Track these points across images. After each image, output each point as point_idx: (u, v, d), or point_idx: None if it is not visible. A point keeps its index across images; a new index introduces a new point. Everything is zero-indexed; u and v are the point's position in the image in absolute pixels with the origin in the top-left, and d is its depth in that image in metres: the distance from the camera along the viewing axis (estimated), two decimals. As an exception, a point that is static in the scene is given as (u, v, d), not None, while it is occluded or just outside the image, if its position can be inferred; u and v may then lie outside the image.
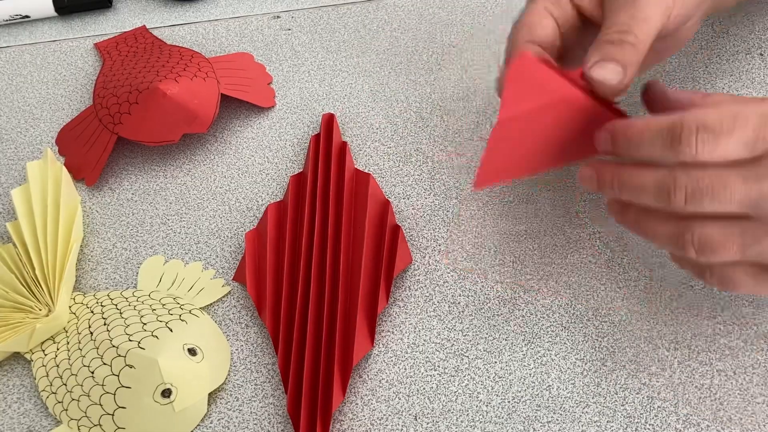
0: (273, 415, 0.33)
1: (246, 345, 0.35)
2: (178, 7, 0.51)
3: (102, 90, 0.43)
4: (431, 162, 0.41)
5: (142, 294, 0.36)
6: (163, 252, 0.39)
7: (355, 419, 0.32)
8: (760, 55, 0.44)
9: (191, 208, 0.40)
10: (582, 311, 0.35)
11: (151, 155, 0.43)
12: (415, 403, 0.33)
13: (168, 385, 0.31)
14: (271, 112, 0.44)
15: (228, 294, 0.37)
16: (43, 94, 0.47)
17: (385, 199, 0.38)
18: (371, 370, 0.34)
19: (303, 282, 0.35)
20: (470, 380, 0.33)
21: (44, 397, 0.34)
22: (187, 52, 0.45)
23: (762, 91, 0.42)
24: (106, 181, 0.42)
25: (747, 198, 0.26)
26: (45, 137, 0.44)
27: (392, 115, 0.43)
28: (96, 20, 0.51)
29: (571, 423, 0.31)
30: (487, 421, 0.32)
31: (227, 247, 0.38)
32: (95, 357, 0.33)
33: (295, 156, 0.42)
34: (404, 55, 0.46)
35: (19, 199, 0.38)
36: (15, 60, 0.49)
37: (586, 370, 0.33)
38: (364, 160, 0.41)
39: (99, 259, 0.39)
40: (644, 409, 0.31)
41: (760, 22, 0.45)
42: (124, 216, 0.40)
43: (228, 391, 0.34)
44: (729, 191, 0.26)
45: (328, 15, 0.49)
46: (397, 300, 0.36)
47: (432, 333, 0.34)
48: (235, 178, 0.41)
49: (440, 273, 0.36)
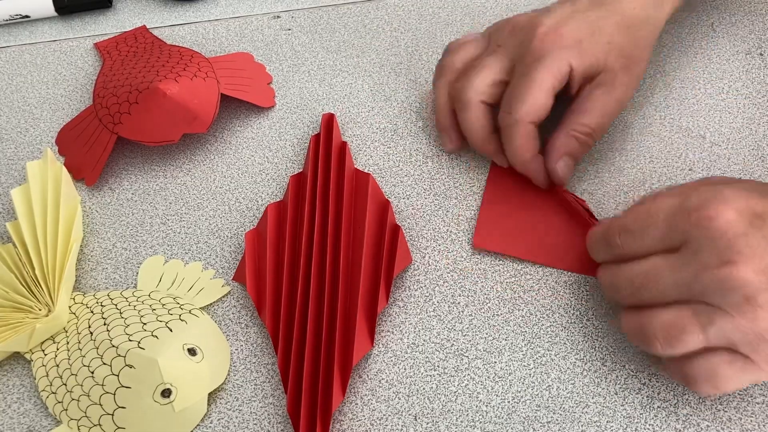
0: (273, 415, 0.33)
1: (246, 345, 0.35)
2: (178, 7, 0.51)
3: (102, 90, 0.43)
4: (431, 162, 0.41)
5: (142, 294, 0.36)
6: (163, 252, 0.39)
7: (355, 419, 0.32)
8: (760, 55, 0.44)
9: (191, 208, 0.40)
10: (582, 311, 0.35)
11: (151, 155, 0.43)
12: (415, 403, 0.33)
13: (168, 385, 0.31)
14: (271, 112, 0.44)
15: (228, 294, 0.37)
16: (43, 94, 0.47)
17: (385, 199, 0.38)
18: (371, 370, 0.34)
19: (303, 282, 0.35)
20: (470, 380, 0.33)
21: (44, 397, 0.34)
22: (187, 52, 0.45)
23: (762, 91, 0.42)
24: (106, 181, 0.42)
25: (679, 285, 0.27)
26: (45, 137, 0.44)
27: (392, 115, 0.43)
28: (96, 20, 0.51)
29: (571, 423, 0.31)
30: (487, 421, 0.32)
31: (227, 247, 0.38)
32: (95, 357, 0.33)
33: (295, 156, 0.42)
34: (404, 55, 0.46)
35: (19, 199, 0.38)
36: (15, 60, 0.49)
37: (586, 370, 0.33)
38: (364, 160, 0.41)
39: (99, 259, 0.39)
40: (644, 409, 0.31)
41: (760, 22, 0.45)
42: (124, 216, 0.40)
43: (228, 391, 0.34)
44: (662, 282, 0.28)
45: (328, 15, 0.49)
46: (397, 300, 0.36)
47: (432, 333, 0.34)
48: (235, 178, 0.41)
49: (440, 273, 0.36)
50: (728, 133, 0.40)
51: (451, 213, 0.39)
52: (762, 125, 0.40)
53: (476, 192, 0.39)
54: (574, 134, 0.36)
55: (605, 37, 0.36)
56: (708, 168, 0.39)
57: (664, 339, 0.28)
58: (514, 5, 0.49)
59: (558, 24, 0.36)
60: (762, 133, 0.40)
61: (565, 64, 0.35)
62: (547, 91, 0.35)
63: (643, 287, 0.28)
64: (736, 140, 0.40)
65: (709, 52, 0.44)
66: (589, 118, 0.36)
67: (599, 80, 0.36)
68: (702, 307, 0.27)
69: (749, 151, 0.39)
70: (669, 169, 0.39)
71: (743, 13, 0.46)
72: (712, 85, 0.43)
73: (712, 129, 0.40)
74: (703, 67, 0.43)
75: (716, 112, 0.41)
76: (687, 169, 0.39)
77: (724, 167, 0.39)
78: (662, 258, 0.28)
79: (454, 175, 0.40)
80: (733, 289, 0.26)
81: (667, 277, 0.27)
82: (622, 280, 0.30)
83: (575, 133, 0.36)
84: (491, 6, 0.49)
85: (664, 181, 0.38)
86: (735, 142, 0.40)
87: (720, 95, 0.42)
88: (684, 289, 0.27)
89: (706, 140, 0.40)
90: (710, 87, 0.42)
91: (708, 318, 0.26)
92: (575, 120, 0.36)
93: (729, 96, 0.42)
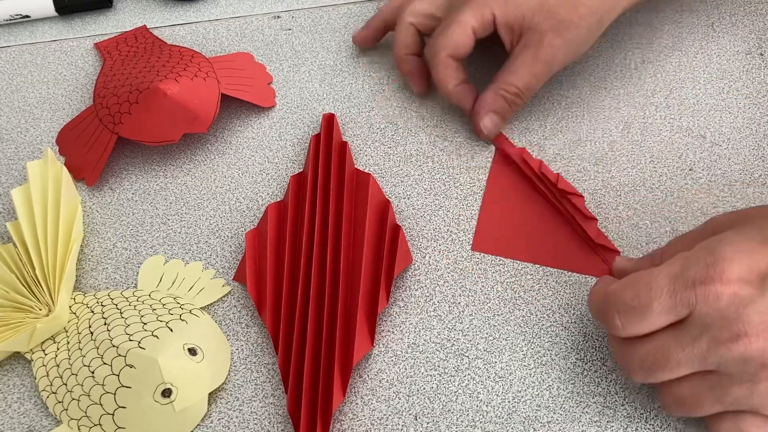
0: (273, 415, 0.33)
1: (246, 345, 0.35)
2: (178, 7, 0.51)
3: (102, 90, 0.43)
4: (431, 162, 0.41)
5: (142, 294, 0.36)
6: (163, 252, 0.39)
7: (355, 419, 0.32)
8: (760, 55, 0.44)
9: (191, 208, 0.40)
10: (582, 311, 0.35)
11: (151, 155, 0.43)
12: (415, 403, 0.33)
13: (168, 385, 0.31)
14: (271, 112, 0.44)
15: (228, 294, 0.37)
16: (43, 94, 0.47)
17: (385, 199, 0.38)
18: (371, 370, 0.34)
19: (303, 282, 0.35)
20: (470, 380, 0.33)
21: (44, 396, 0.34)
22: (188, 51, 0.45)
23: (762, 90, 0.42)
24: (106, 181, 0.42)
25: (691, 360, 0.26)
26: (45, 137, 0.44)
27: (392, 115, 0.43)
28: (96, 20, 0.51)
29: (571, 423, 0.31)
30: (487, 421, 0.32)
31: (227, 247, 0.38)
32: (95, 357, 0.33)
33: (295, 156, 0.42)
34: (404, 55, 0.46)
35: (19, 199, 0.38)
36: (15, 60, 0.49)
37: (586, 370, 0.33)
38: (364, 160, 0.41)
39: (99, 258, 0.39)
40: (644, 409, 0.31)
41: (760, 22, 0.45)
42: (124, 216, 0.40)
43: (228, 391, 0.34)
44: (673, 360, 0.27)
45: (328, 15, 0.49)
46: (397, 300, 0.36)
47: (432, 333, 0.34)
48: (235, 178, 0.41)
49: (440, 273, 0.36)
50: (728, 133, 0.40)
51: (451, 213, 0.39)
52: (762, 125, 0.40)
53: (476, 192, 0.39)
54: (501, 93, 0.39)
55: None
56: (708, 168, 0.39)
57: (680, 410, 0.28)
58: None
59: None
60: (762, 133, 0.40)
61: (488, 11, 0.38)
62: (465, 28, 0.38)
63: (656, 367, 0.27)
64: (736, 140, 0.40)
65: (709, 52, 0.44)
66: (516, 77, 0.38)
67: (525, 40, 0.37)
68: (716, 379, 0.26)
69: (749, 151, 0.39)
70: (669, 169, 0.39)
71: (743, 13, 0.46)
72: (712, 85, 0.43)
73: (712, 129, 0.40)
74: (703, 67, 0.43)
75: (716, 112, 0.41)
76: (687, 169, 0.39)
77: (724, 167, 0.39)
78: (670, 334, 0.27)
79: (454, 175, 0.40)
80: (747, 361, 0.25)
81: (679, 354, 0.27)
82: (634, 363, 0.28)
83: (502, 92, 0.39)
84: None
85: (664, 181, 0.39)
86: (735, 142, 0.40)
87: (720, 95, 0.42)
88: (698, 363, 0.26)
89: (706, 140, 0.40)
90: (710, 87, 0.42)
91: (723, 390, 0.26)
92: (503, 79, 0.38)
93: (729, 96, 0.42)
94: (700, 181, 0.38)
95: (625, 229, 0.37)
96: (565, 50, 0.37)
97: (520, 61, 0.38)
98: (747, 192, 0.38)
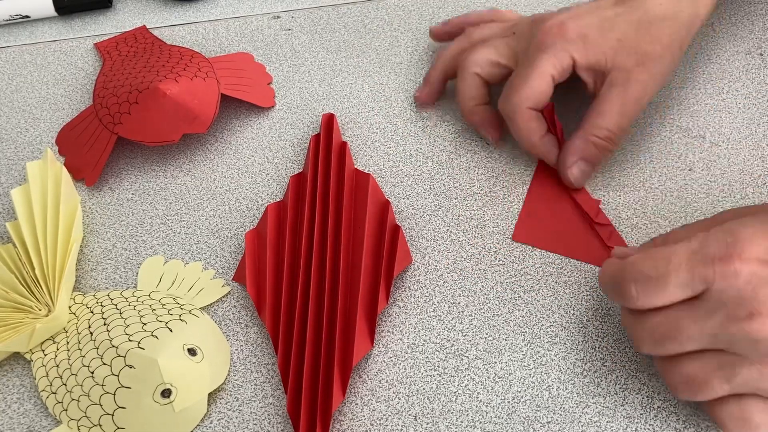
0: (273, 415, 0.33)
1: (246, 345, 0.35)
2: (178, 7, 0.51)
3: (102, 90, 0.43)
4: (431, 162, 0.41)
5: (142, 294, 0.36)
6: (163, 252, 0.39)
7: (355, 419, 0.32)
8: (760, 55, 0.44)
9: (191, 208, 0.40)
10: (582, 311, 0.35)
11: (151, 155, 0.43)
12: (415, 404, 0.33)
13: (168, 385, 0.31)
14: (271, 112, 0.44)
15: (228, 294, 0.37)
16: (43, 94, 0.47)
17: (385, 199, 0.38)
18: (371, 370, 0.34)
19: (303, 282, 0.35)
20: (470, 380, 0.33)
21: (44, 397, 0.34)
22: (187, 52, 0.45)
23: (762, 90, 0.42)
24: (106, 181, 0.42)
25: (702, 336, 0.26)
26: (45, 137, 0.44)
27: (392, 115, 0.43)
28: (96, 20, 0.51)
29: (571, 423, 0.31)
30: (487, 421, 0.32)
31: (227, 247, 0.38)
32: (95, 357, 0.33)
33: (295, 156, 0.42)
34: (404, 55, 0.46)
35: (19, 199, 0.38)
36: (15, 60, 0.49)
37: (586, 370, 0.33)
38: (364, 160, 0.41)
39: (99, 259, 0.39)
40: (644, 409, 0.31)
41: (760, 22, 0.45)
42: (124, 216, 0.40)
43: (228, 391, 0.34)
44: (685, 333, 0.27)
45: (328, 15, 0.49)
46: (397, 300, 0.36)
47: (432, 333, 0.34)
48: (235, 178, 0.41)
49: (440, 273, 0.36)
50: (728, 133, 0.40)
51: (451, 213, 0.39)
52: (762, 125, 0.40)
53: (476, 192, 0.39)
54: (591, 138, 0.36)
55: (615, 34, 0.35)
56: (708, 168, 0.39)
57: (687, 389, 0.28)
58: (514, 5, 0.49)
59: (567, 19, 0.36)
60: (762, 133, 0.40)
61: (567, 56, 0.36)
62: (544, 77, 0.36)
63: (666, 338, 0.27)
64: (736, 140, 0.40)
65: (709, 52, 0.44)
66: (607, 119, 0.36)
67: (612, 79, 0.36)
68: (726, 358, 0.26)
69: (749, 151, 0.39)
70: (669, 169, 0.39)
71: (743, 13, 0.46)
72: (712, 85, 0.43)
73: (712, 129, 0.40)
74: (703, 67, 0.43)
75: (716, 112, 0.41)
76: (687, 169, 0.39)
77: (724, 167, 0.39)
78: (684, 308, 0.27)
79: (454, 175, 0.40)
80: (759, 341, 0.25)
81: (691, 328, 0.27)
82: (644, 332, 0.28)
83: (593, 138, 0.36)
84: (491, 6, 0.49)
85: (664, 181, 0.39)
86: (735, 142, 0.40)
87: (720, 95, 0.42)
88: (708, 340, 0.26)
89: (706, 140, 0.40)
90: (710, 87, 0.42)
91: (732, 370, 0.26)
92: (591, 123, 0.36)
93: (729, 96, 0.42)
94: (699, 181, 0.38)
95: (625, 229, 0.37)
96: (653, 84, 0.36)
97: (609, 102, 0.36)
98: (747, 192, 0.38)
